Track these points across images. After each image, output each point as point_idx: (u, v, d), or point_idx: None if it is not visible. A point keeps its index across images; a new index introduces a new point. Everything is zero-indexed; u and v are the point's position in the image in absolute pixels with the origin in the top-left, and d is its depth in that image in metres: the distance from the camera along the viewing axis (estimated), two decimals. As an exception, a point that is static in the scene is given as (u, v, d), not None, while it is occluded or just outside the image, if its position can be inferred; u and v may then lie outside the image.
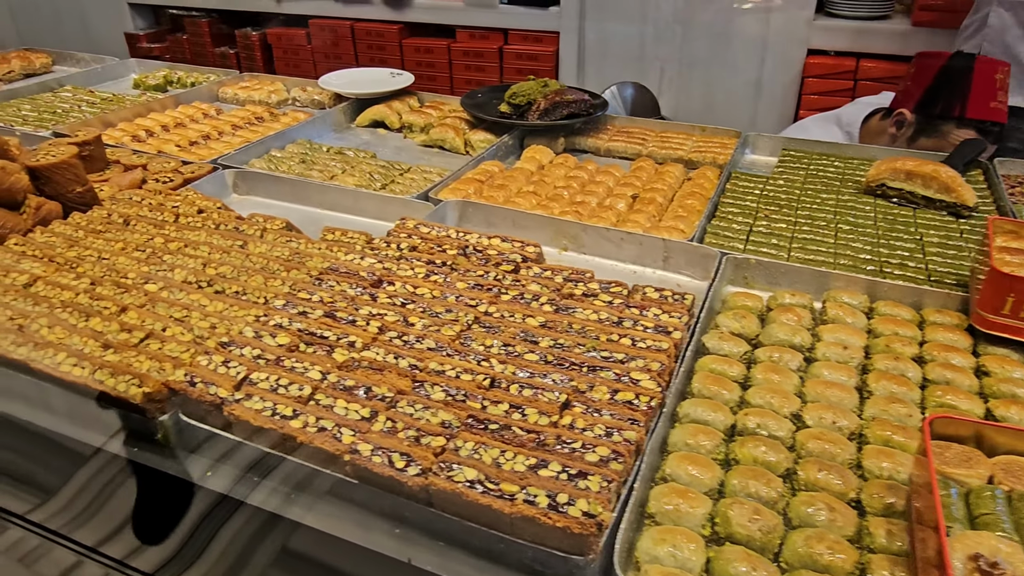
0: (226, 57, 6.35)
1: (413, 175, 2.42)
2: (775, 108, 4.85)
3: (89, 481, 1.30)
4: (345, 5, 5.73)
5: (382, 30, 5.65)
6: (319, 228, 1.88)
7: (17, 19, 7.38)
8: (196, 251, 1.70)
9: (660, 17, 4.82)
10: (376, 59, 5.78)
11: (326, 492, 1.13)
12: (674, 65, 4.95)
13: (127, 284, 1.55)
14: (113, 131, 2.84)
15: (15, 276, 1.56)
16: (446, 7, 5.43)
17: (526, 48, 5.32)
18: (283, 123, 2.92)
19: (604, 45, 5.14)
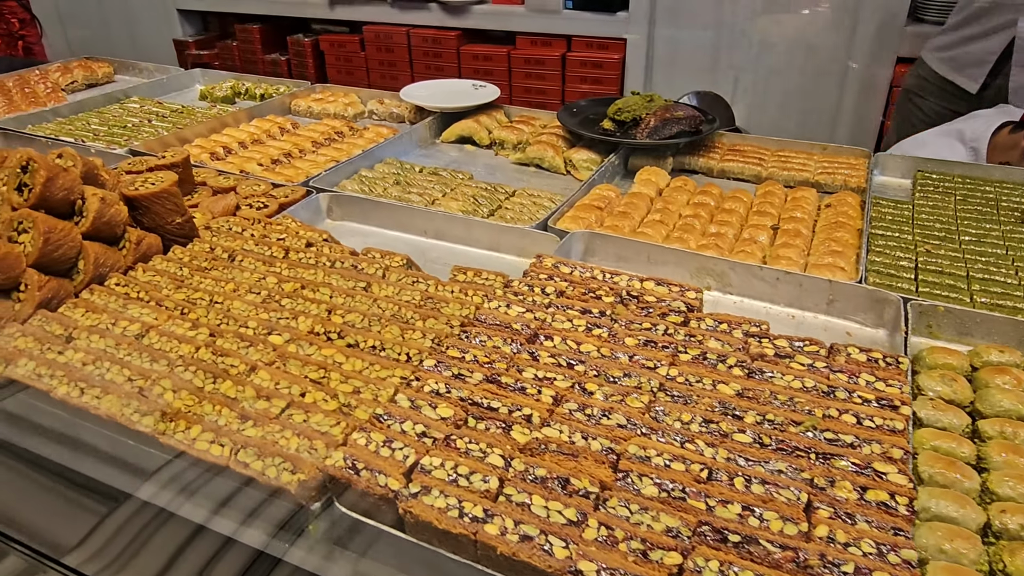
0: (277, 64, 6.23)
1: (521, 199, 2.22)
2: (859, 119, 4.59)
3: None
4: (401, 11, 5.57)
5: (439, 36, 5.48)
6: (426, 259, 1.71)
7: (66, 26, 7.33)
8: (316, 294, 1.52)
9: (736, 23, 4.59)
10: (432, 67, 5.62)
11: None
12: (749, 74, 4.71)
13: (249, 336, 1.36)
14: (189, 147, 2.68)
15: (125, 325, 1.39)
16: (506, 12, 5.24)
17: (591, 55, 5.11)
18: (366, 139, 2.74)
19: (674, 52, 4.92)
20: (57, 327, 1.39)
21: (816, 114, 4.64)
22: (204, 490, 1.11)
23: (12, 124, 2.88)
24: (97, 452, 1.17)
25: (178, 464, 1.10)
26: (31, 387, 1.25)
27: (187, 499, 1.10)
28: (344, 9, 5.77)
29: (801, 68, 4.58)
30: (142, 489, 1.17)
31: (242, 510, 1.09)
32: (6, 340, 1.36)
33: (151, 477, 1.12)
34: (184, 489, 1.12)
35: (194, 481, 1.09)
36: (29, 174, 1.53)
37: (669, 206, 2.10)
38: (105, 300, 1.49)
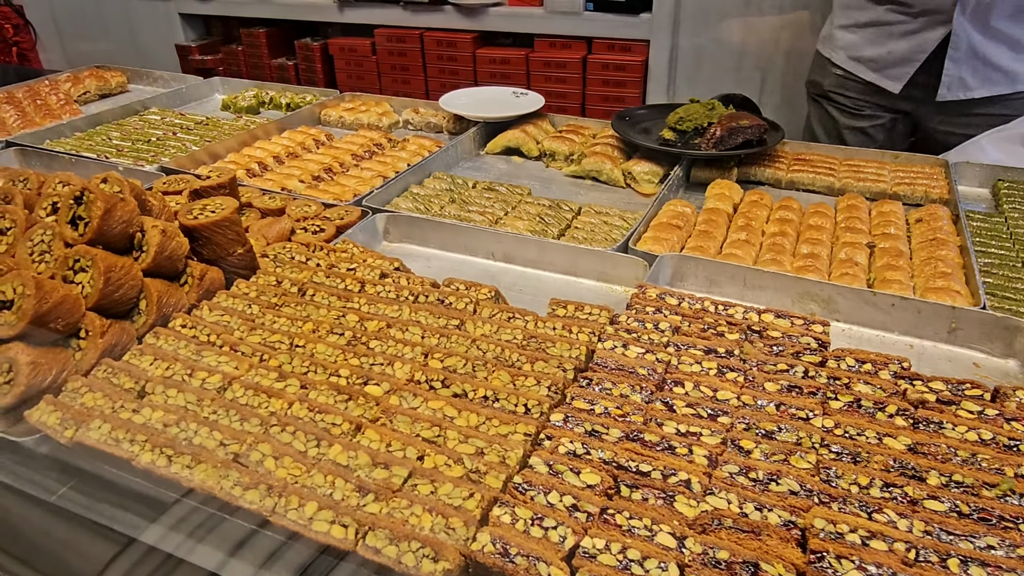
0: (284, 69, 6.07)
1: (588, 218, 2.09)
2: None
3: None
4: (413, 14, 5.42)
5: (454, 39, 5.33)
6: (499, 285, 1.56)
7: (62, 32, 7.13)
8: (405, 334, 1.37)
9: (762, 23, 4.47)
10: (446, 71, 5.48)
11: None
12: (776, 75, 4.60)
13: (344, 387, 1.22)
14: (223, 163, 2.53)
15: (204, 376, 1.24)
16: (524, 14, 5.10)
17: (612, 58, 4.98)
18: (410, 152, 2.60)
19: (699, 54, 4.80)
20: (126, 379, 1.25)
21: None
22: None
23: (29, 140, 2.72)
24: (195, 530, 1.03)
25: (295, 550, 0.96)
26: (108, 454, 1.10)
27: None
28: (354, 12, 5.61)
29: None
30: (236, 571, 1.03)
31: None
32: (71, 397, 1.21)
33: (265, 565, 0.97)
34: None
35: (313, 568, 0.95)
36: (85, 206, 1.38)
37: (751, 223, 1.97)
38: (174, 345, 1.34)
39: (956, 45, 2.63)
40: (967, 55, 2.65)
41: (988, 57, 2.65)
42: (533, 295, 1.77)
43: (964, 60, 2.66)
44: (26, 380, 1.19)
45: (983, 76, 2.69)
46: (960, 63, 2.66)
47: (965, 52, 2.65)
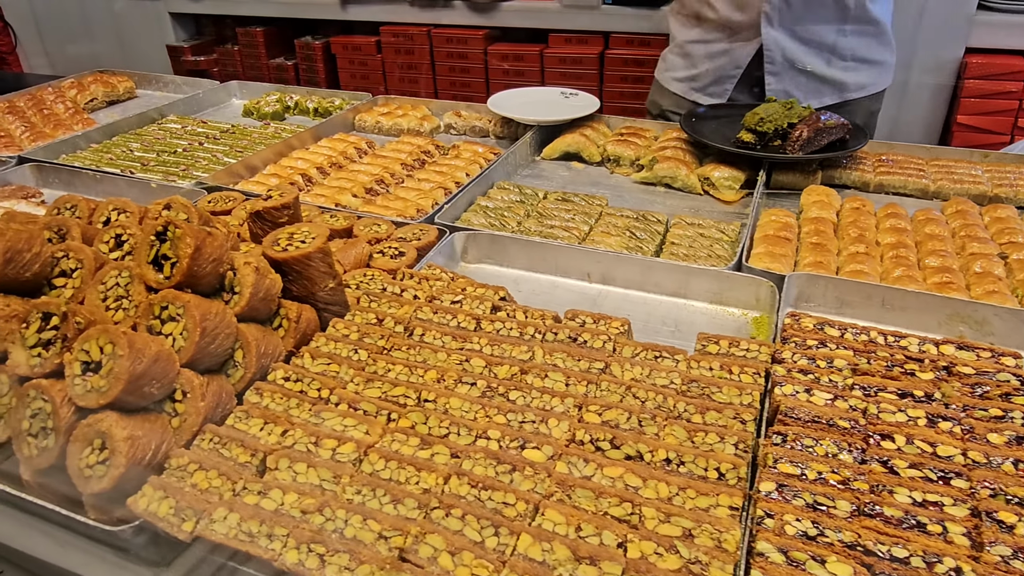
0: (283, 69, 5.83)
1: (682, 230, 1.92)
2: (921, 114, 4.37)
3: None
4: (421, 10, 5.21)
5: (464, 36, 5.13)
6: (600, 310, 1.39)
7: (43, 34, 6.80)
8: (546, 381, 1.20)
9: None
10: (457, 68, 5.28)
11: None
12: (805, 67, 4.45)
13: (498, 452, 1.04)
14: (263, 177, 2.32)
15: (332, 445, 1.05)
16: (539, 9, 4.91)
17: (631, 53, 4.81)
18: (465, 159, 2.41)
19: (722, 47, 4.63)
20: (239, 451, 1.05)
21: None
22: None
23: (43, 154, 2.48)
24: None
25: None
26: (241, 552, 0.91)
27: None
28: (358, 9, 5.38)
29: (863, 61, 4.33)
30: None
31: None
32: (178, 476, 1.02)
33: None
34: None
35: None
36: (171, 243, 1.18)
37: (864, 233, 1.82)
38: (283, 404, 1.15)
39: (771, 58, 2.58)
40: (785, 67, 2.61)
41: (808, 68, 2.61)
42: (644, 322, 1.60)
43: (784, 73, 2.61)
44: (126, 459, 0.99)
45: (808, 88, 2.65)
46: (781, 76, 2.62)
47: (782, 64, 2.60)
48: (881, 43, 2.69)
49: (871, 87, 2.73)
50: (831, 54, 2.59)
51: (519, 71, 5.13)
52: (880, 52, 2.69)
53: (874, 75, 2.72)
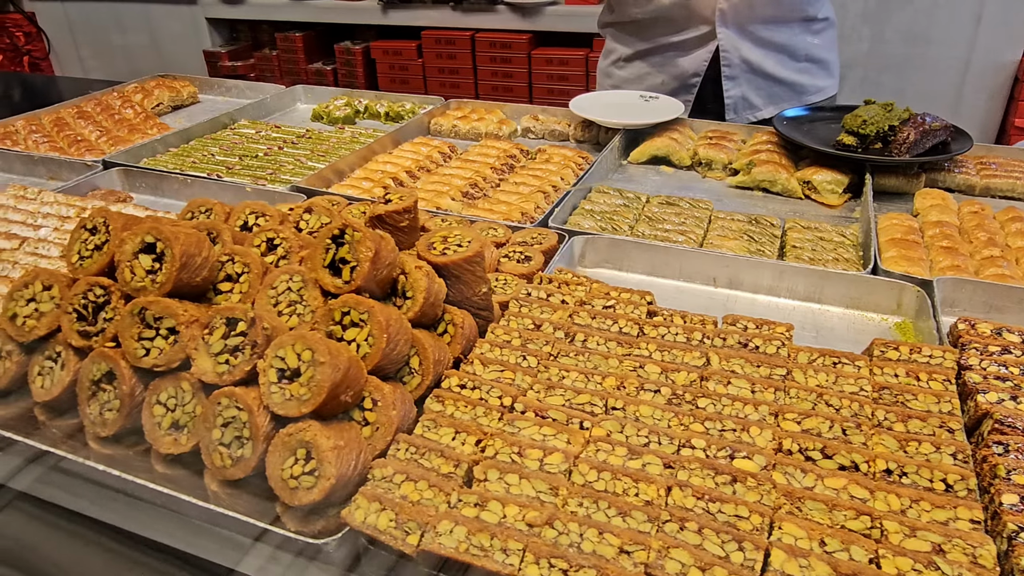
0: (322, 74, 5.83)
1: (799, 234, 1.88)
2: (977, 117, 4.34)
3: None
4: (464, 14, 5.20)
5: (508, 40, 5.13)
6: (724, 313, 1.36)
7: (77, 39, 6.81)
8: (729, 389, 1.16)
9: (845, 16, 4.30)
10: (499, 72, 5.27)
11: None
12: (859, 70, 4.44)
13: (706, 460, 1.01)
14: (354, 180, 2.29)
15: (538, 456, 1.01)
16: (583, 13, 4.90)
17: (679, 56, 4.76)
18: (557, 163, 2.38)
19: (772, 50, 4.60)
20: (440, 461, 1.02)
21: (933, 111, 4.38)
22: None
23: (125, 158, 2.46)
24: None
25: None
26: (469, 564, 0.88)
27: None
28: (399, 14, 5.38)
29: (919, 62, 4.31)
30: None
31: None
32: (385, 488, 0.99)
33: None
34: None
35: None
36: (349, 247, 1.15)
37: (994, 237, 1.78)
38: (469, 413, 1.12)
39: (728, 60, 2.55)
40: (743, 70, 2.58)
41: (766, 70, 2.57)
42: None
43: (742, 76, 2.58)
44: (335, 469, 0.96)
45: (767, 92, 2.61)
46: (739, 81, 2.59)
47: (740, 67, 2.57)
48: (830, 42, 2.63)
49: (827, 89, 2.69)
50: (789, 54, 2.55)
51: (563, 75, 5.11)
52: (829, 52, 2.64)
53: (826, 76, 2.68)
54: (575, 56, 5.02)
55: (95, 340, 1.16)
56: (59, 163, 2.45)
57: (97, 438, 1.15)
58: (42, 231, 1.77)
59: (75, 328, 1.17)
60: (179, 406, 1.10)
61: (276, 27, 5.95)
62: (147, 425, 1.11)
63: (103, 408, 1.14)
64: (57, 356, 1.19)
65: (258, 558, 1.03)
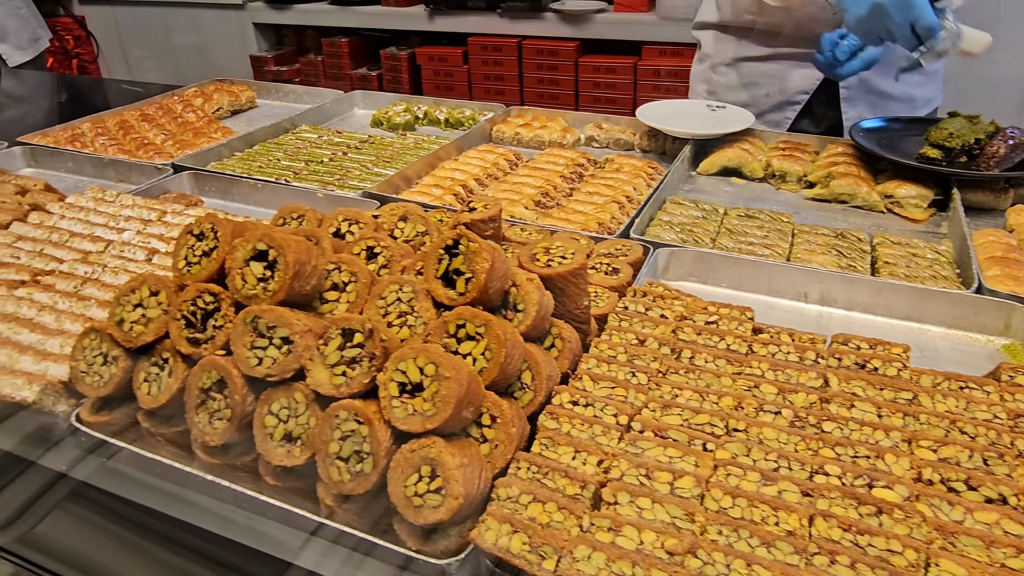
0: (367, 79, 5.85)
1: (888, 249, 1.83)
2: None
3: None
4: (511, 21, 5.19)
5: (555, 48, 5.11)
6: (824, 333, 1.31)
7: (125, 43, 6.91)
8: (853, 412, 1.12)
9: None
10: (546, 79, 5.25)
11: None
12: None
13: (845, 489, 0.96)
14: (423, 187, 2.28)
15: (667, 479, 0.98)
16: (632, 21, 4.87)
17: (730, 65, 4.70)
18: (628, 173, 2.34)
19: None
20: (563, 481, 0.99)
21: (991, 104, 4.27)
22: None
23: (192, 162, 2.47)
24: None
25: None
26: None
27: None
28: (445, 20, 5.39)
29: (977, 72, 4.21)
30: None
31: None
32: (512, 509, 0.96)
33: None
34: None
35: None
36: (464, 257, 1.13)
37: (1101, 257, 1.71)
38: (586, 432, 1.08)
39: (847, 82, 2.45)
40: (860, 90, 2.48)
41: (880, 87, 2.48)
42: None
43: (859, 97, 2.49)
44: (463, 488, 0.93)
45: (881, 109, 2.51)
46: (855, 101, 2.50)
47: (858, 87, 2.47)
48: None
49: (935, 100, 2.61)
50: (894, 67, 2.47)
51: (610, 83, 5.08)
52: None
53: (935, 87, 2.59)
54: (623, 64, 4.99)
55: (204, 347, 1.14)
56: (128, 166, 2.47)
57: (204, 447, 1.14)
58: (125, 234, 1.77)
59: (184, 335, 1.16)
60: (292, 417, 1.08)
61: (321, 32, 6.00)
62: (258, 436, 1.09)
63: (213, 417, 1.12)
64: (164, 363, 1.18)
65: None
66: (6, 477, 1.24)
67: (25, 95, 3.78)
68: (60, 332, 1.39)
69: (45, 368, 1.29)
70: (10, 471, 1.26)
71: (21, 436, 1.27)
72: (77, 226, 1.84)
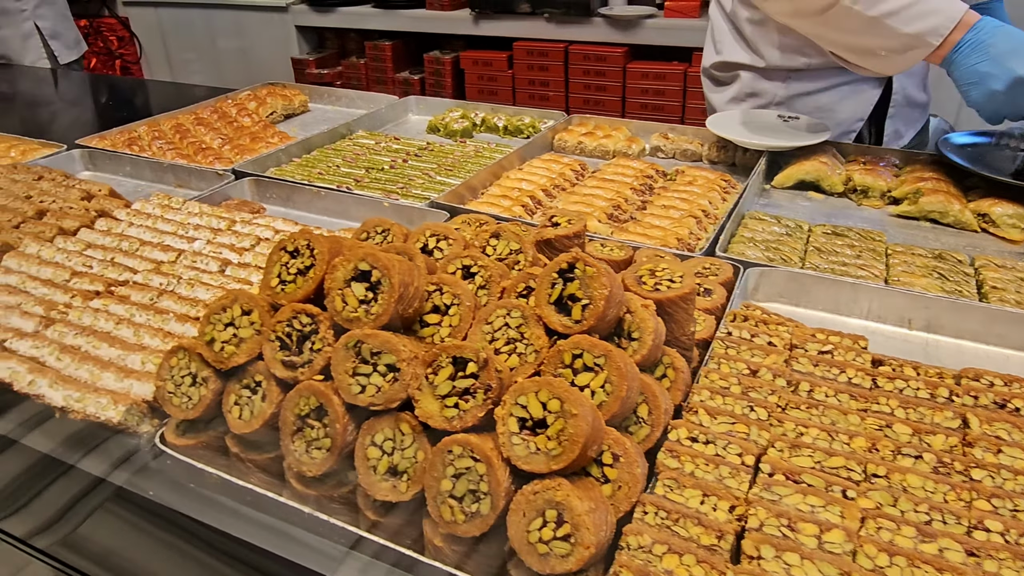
0: (409, 83, 5.82)
1: (992, 272, 1.72)
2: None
3: None
4: (558, 26, 5.12)
5: (603, 53, 5.03)
6: (932, 362, 1.21)
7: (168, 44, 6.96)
8: (999, 457, 1.03)
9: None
10: (592, 85, 5.17)
11: None
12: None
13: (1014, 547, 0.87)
14: (491, 198, 2.21)
15: (813, 532, 0.89)
16: (685, 27, 4.77)
17: (784, 73, 4.58)
18: (700, 186, 2.26)
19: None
20: (699, 531, 0.91)
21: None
22: None
23: (251, 167, 2.43)
24: None
25: None
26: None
27: None
28: (491, 24, 5.33)
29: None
30: None
31: None
32: (645, 559, 0.88)
33: None
34: None
35: None
36: (580, 282, 1.05)
37: None
38: (712, 473, 1.00)
39: (895, 100, 2.44)
40: (901, 104, 2.46)
41: (915, 98, 2.49)
42: (999, 379, 1.41)
43: (898, 111, 2.46)
44: (594, 537, 0.86)
45: (908, 118, 2.51)
46: (896, 117, 2.48)
47: (901, 102, 2.46)
48: None
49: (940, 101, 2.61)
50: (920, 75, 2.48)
51: (659, 90, 4.99)
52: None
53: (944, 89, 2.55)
54: (673, 71, 4.89)
55: (301, 371, 1.08)
56: (188, 171, 2.44)
57: (300, 477, 1.08)
58: (196, 243, 1.73)
59: (279, 357, 1.10)
60: (397, 450, 1.01)
61: (364, 35, 5.98)
62: (360, 468, 1.02)
63: (310, 446, 1.06)
64: (256, 386, 1.12)
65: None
66: (88, 500, 1.20)
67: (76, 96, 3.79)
68: (140, 347, 1.34)
69: (128, 386, 1.24)
70: (91, 494, 1.21)
71: (103, 456, 1.22)
72: (146, 234, 1.80)
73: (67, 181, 2.12)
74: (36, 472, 1.24)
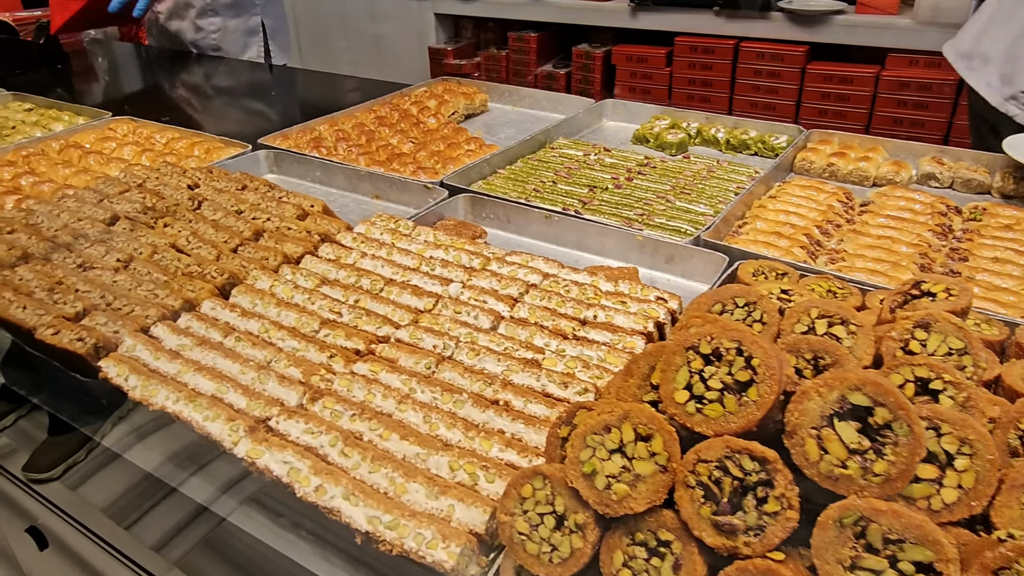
0: (553, 77, 5.48)
1: None
2: None
3: None
4: (728, 20, 4.66)
5: (780, 52, 4.54)
6: None
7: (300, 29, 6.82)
8: None
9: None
10: (762, 88, 4.69)
11: None
12: None
13: None
14: (760, 234, 1.83)
15: None
16: (880, 25, 4.23)
17: (1000, 81, 3.98)
18: (1019, 231, 1.81)
19: None
20: None
21: None
22: None
23: (457, 180, 2.12)
24: None
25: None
26: None
27: None
28: (650, 17, 4.91)
29: None
30: None
31: None
32: None
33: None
34: None
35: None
36: None
37: None
38: None
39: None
40: None
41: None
42: None
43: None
44: None
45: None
46: None
47: None
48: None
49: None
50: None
51: (842, 95, 4.47)
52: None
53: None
54: (863, 74, 4.37)
55: (744, 542, 0.74)
56: (389, 181, 2.16)
57: None
58: (452, 287, 1.42)
59: (706, 514, 0.76)
60: None
61: (506, 26, 5.67)
62: None
63: (770, 662, 0.72)
64: (664, 547, 0.79)
65: None
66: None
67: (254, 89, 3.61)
68: (442, 444, 1.03)
69: (447, 508, 0.93)
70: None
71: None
72: (385, 268, 1.50)
73: (273, 192, 1.87)
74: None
